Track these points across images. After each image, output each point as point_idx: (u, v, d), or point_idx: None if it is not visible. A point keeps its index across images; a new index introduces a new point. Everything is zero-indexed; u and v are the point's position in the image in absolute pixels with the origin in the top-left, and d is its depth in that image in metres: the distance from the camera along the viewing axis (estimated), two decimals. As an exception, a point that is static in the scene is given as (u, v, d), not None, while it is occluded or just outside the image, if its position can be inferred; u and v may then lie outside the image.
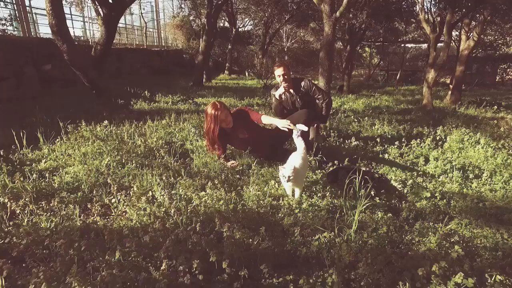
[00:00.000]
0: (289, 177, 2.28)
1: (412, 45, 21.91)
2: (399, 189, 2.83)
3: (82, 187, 2.48)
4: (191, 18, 16.54)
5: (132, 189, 2.40)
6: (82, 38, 13.79)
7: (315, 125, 4.02)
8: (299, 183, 2.43)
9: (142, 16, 17.27)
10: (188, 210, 2.05)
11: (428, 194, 2.64)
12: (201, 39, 11.32)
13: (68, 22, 13.32)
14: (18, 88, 7.11)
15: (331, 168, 3.07)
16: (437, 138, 4.41)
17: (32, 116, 4.78)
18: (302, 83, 3.81)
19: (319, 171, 3.00)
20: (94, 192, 2.38)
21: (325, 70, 5.76)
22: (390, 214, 2.25)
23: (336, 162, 3.12)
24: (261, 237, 1.79)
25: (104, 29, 8.52)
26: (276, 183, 2.68)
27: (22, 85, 7.22)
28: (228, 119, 3.15)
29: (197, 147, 3.56)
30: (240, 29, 19.17)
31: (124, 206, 2.18)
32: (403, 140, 3.95)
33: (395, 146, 3.86)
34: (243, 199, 2.38)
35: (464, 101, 8.60)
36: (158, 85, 9.53)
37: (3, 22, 8.88)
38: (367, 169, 3.12)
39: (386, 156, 3.66)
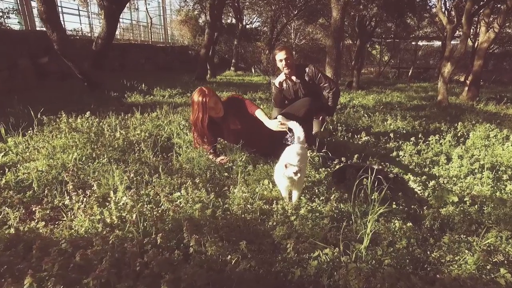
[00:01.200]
0: (295, 172, 1.84)
1: (424, 42, 21.18)
2: (419, 191, 2.36)
3: (34, 185, 2.06)
4: (195, 12, 16.15)
5: (92, 188, 1.97)
6: (89, 34, 13.48)
7: (320, 117, 3.57)
8: (299, 184, 1.98)
9: (148, 13, 16.98)
10: (154, 216, 1.61)
11: (456, 198, 2.17)
12: (205, 33, 10.96)
13: (75, 18, 13.15)
14: (11, 80, 6.85)
15: (337, 166, 2.61)
16: (458, 134, 3.92)
17: (10, 107, 4.41)
18: (307, 69, 3.35)
19: (323, 169, 2.54)
20: (46, 191, 1.95)
21: (332, 60, 5.27)
22: (410, 224, 1.79)
23: (343, 159, 2.65)
24: (241, 254, 1.35)
25: (105, 23, 8.29)
26: (270, 183, 2.24)
27: (15, 78, 6.97)
28: (218, 107, 2.70)
29: (184, 141, 3.14)
30: (247, 26, 18.70)
31: (79, 210, 1.75)
32: (419, 136, 3.48)
33: (411, 143, 3.40)
34: (228, 203, 1.95)
35: (482, 98, 8.01)
36: (159, 80, 9.14)
37: (0, 14, 8.63)
38: (380, 167, 2.63)
39: (401, 153, 3.18)
